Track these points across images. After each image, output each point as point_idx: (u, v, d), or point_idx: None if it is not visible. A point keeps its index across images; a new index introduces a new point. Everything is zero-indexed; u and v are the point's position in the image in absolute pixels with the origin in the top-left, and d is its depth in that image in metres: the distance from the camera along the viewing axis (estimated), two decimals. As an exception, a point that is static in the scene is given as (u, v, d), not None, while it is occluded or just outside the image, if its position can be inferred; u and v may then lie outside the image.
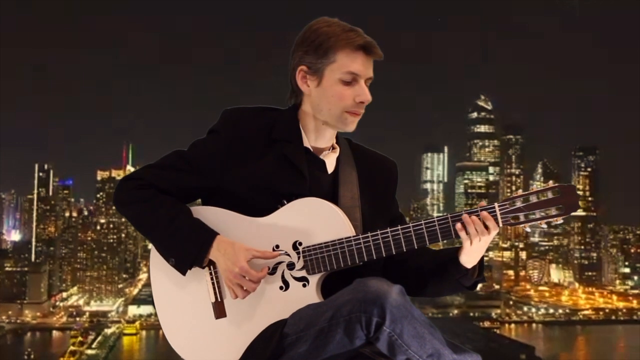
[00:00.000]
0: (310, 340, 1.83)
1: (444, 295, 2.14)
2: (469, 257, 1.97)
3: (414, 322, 1.78)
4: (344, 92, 1.99)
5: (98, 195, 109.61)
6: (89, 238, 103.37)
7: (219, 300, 2.00)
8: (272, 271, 1.97)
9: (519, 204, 1.89)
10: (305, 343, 1.84)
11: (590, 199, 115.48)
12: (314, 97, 2.03)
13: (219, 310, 1.99)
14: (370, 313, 1.76)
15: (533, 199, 1.89)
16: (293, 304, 1.92)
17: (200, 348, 2.00)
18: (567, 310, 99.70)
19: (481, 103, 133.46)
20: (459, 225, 1.90)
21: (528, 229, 1.94)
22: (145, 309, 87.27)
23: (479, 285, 2.04)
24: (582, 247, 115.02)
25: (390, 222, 2.00)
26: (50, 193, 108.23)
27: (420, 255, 2.06)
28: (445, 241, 1.97)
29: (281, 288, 1.97)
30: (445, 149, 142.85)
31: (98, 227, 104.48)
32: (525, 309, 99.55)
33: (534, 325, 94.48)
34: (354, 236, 1.94)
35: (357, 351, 1.84)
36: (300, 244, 1.96)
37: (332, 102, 2.00)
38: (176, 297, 2.04)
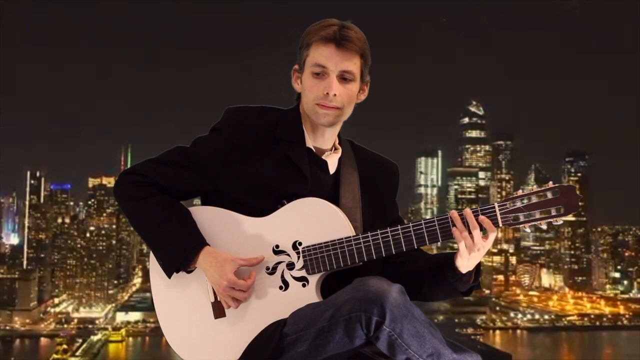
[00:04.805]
0: (310, 339, 1.83)
1: (438, 300, 2.11)
2: (464, 261, 1.94)
3: (414, 321, 1.78)
4: (313, 85, 1.99)
5: (89, 202, 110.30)
6: (79, 245, 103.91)
7: (218, 300, 1.99)
8: (272, 271, 1.97)
9: (518, 204, 1.89)
10: (305, 342, 1.84)
11: (580, 203, 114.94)
12: (302, 93, 2.05)
13: (219, 310, 1.99)
14: (370, 312, 1.75)
15: (533, 199, 1.89)
16: (293, 303, 1.92)
17: (199, 348, 2.00)
18: (553, 316, 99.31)
19: (472, 108, 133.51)
20: (458, 225, 1.89)
21: (527, 229, 1.94)
22: (133, 316, 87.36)
23: (473, 292, 2.04)
24: (572, 251, 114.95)
25: (390, 224, 1.98)
26: (42, 200, 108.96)
27: (417, 259, 2.06)
28: (443, 241, 1.97)
29: (281, 288, 1.96)
30: (439, 153, 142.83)
31: (88, 234, 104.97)
32: (512, 314, 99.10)
33: (518, 331, 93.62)
34: (353, 236, 1.94)
35: (357, 351, 1.84)
36: (300, 243, 1.96)
37: (306, 96, 2.01)
38: (176, 297, 2.04)
